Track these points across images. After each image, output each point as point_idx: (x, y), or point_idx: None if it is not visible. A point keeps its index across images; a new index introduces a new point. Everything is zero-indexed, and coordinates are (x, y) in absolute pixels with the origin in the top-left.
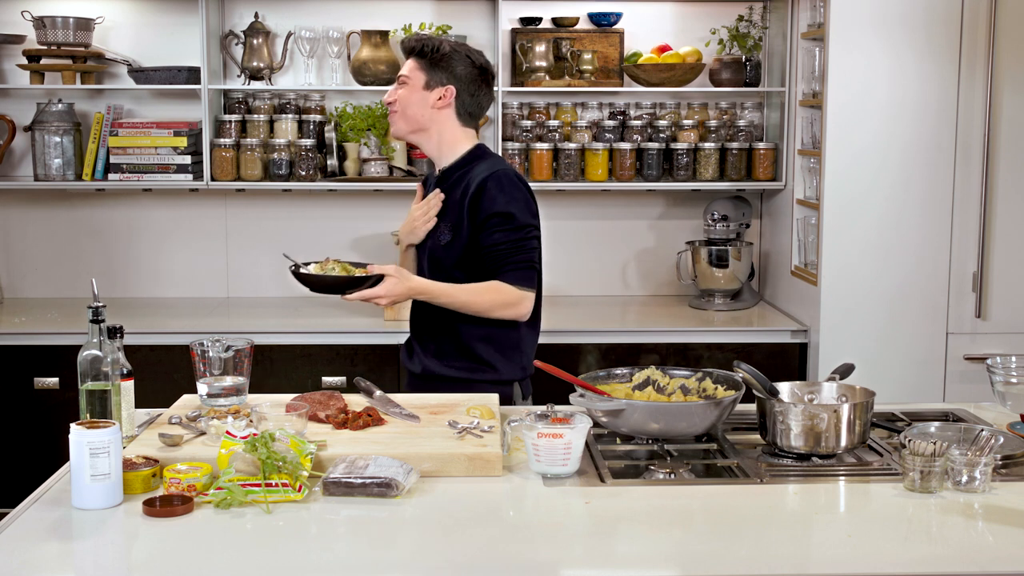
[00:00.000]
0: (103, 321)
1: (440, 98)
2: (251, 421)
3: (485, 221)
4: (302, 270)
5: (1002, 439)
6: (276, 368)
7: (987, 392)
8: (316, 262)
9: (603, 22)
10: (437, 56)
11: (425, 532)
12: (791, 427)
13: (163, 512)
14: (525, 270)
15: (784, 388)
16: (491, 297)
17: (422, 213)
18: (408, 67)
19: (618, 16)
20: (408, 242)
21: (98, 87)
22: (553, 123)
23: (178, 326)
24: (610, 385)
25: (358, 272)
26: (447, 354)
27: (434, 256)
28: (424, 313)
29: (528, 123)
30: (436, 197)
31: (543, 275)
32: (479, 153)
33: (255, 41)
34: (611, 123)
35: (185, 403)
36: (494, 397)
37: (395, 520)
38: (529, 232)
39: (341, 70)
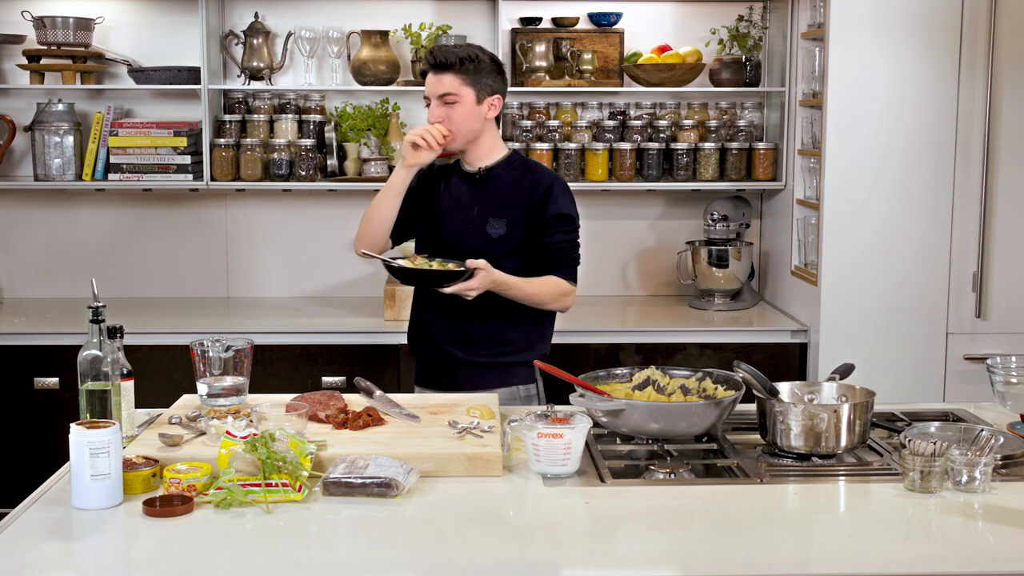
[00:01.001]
0: (103, 321)
1: (491, 107)
2: (251, 421)
3: (548, 221)
4: (395, 263)
5: (1002, 439)
6: (276, 368)
7: (987, 392)
8: (400, 257)
9: (603, 22)
10: (477, 67)
11: (425, 532)
12: (791, 427)
13: (163, 512)
14: (575, 267)
15: (784, 388)
16: (550, 290)
17: (441, 136)
18: (450, 83)
19: (618, 16)
20: (416, 162)
21: (98, 87)
22: (553, 123)
23: (178, 326)
24: (610, 385)
25: (451, 266)
26: (477, 343)
27: (481, 247)
28: (454, 306)
29: (528, 123)
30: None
31: None
32: (520, 157)
33: (255, 41)
34: (611, 123)
35: (185, 403)
36: (494, 397)
37: (395, 520)
38: (578, 234)
39: (341, 70)
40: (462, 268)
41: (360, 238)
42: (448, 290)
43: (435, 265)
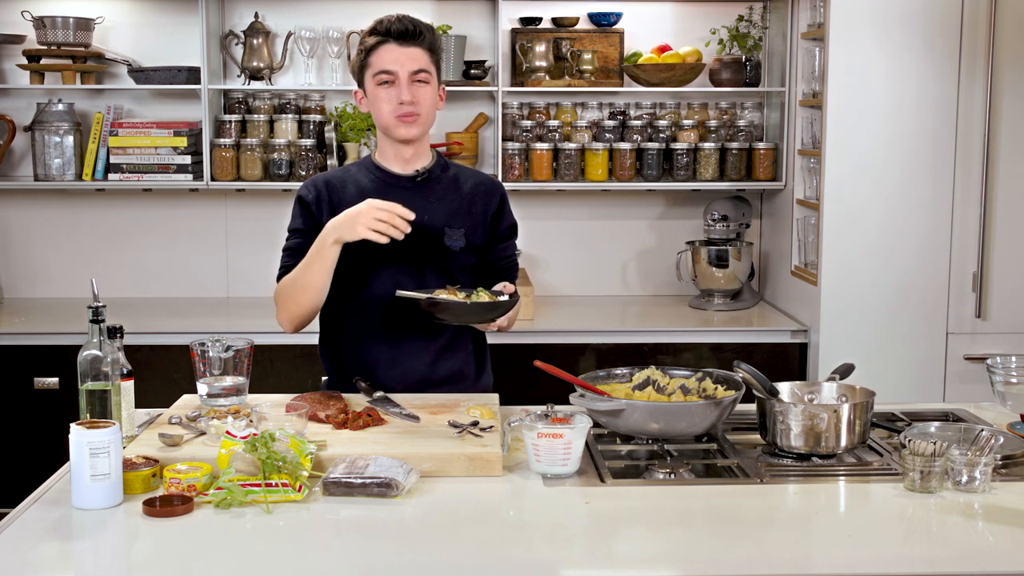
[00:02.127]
0: (103, 321)
1: (440, 98)
2: (251, 421)
3: (504, 232)
4: (440, 298)
5: (1002, 439)
6: (276, 368)
7: (987, 392)
8: (426, 290)
9: (603, 22)
10: (439, 47)
11: (425, 532)
12: (791, 427)
13: (163, 512)
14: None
15: (784, 388)
16: (518, 307)
17: (402, 220)
18: (423, 59)
19: (618, 16)
20: (361, 237)
21: (98, 87)
22: (553, 123)
23: (178, 326)
24: (610, 385)
25: (485, 296)
26: (445, 380)
27: (442, 262)
28: (421, 343)
29: (528, 123)
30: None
31: (530, 275)
32: (444, 158)
33: (255, 41)
34: (611, 123)
35: (185, 403)
36: (494, 397)
37: (395, 520)
38: None
39: (341, 70)
40: (509, 296)
41: (289, 322)
42: (497, 324)
43: (484, 296)
